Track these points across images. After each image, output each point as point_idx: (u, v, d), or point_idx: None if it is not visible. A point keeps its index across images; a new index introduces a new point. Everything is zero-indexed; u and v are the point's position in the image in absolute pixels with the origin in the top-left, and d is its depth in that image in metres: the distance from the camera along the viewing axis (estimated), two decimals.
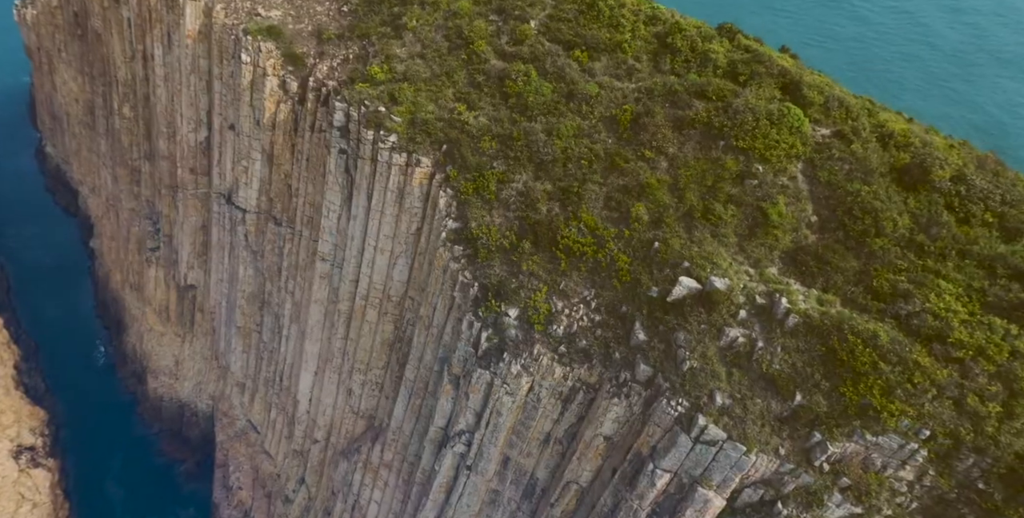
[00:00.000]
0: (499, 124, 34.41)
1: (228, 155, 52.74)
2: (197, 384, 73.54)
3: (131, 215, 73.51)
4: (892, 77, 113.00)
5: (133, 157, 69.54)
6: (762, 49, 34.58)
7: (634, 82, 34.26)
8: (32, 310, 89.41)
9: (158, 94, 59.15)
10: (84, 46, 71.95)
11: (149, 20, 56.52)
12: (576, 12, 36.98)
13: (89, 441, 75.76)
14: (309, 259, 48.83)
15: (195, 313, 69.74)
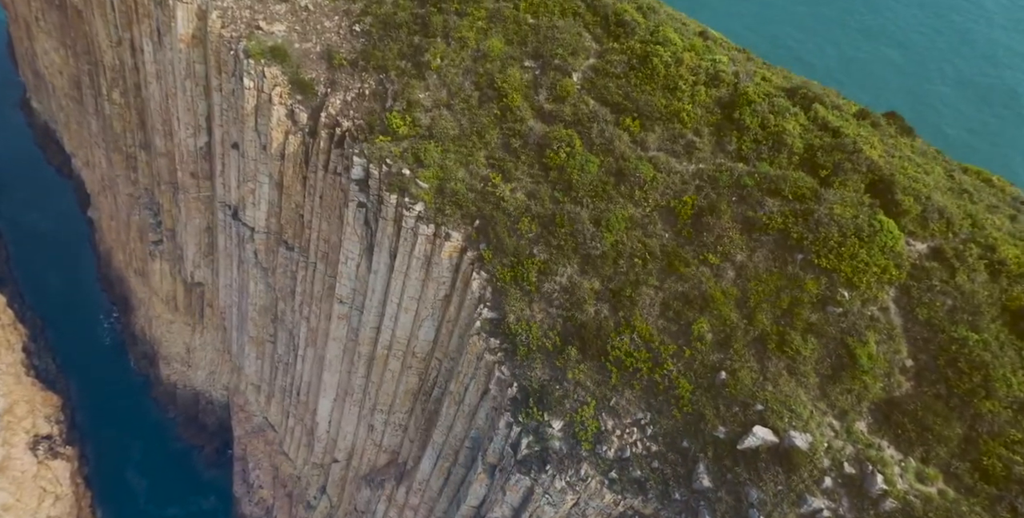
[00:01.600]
0: (539, 202, 31.00)
1: (232, 173, 49.08)
2: (210, 373, 72.55)
3: (130, 201, 70.02)
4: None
5: (127, 143, 65.35)
6: (844, 126, 30.30)
7: (694, 163, 30.45)
8: (34, 282, 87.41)
9: (151, 90, 54.61)
10: (64, 18, 66.08)
11: (135, 11, 51.21)
12: (625, 66, 32.54)
13: (106, 426, 75.66)
14: (325, 292, 46.27)
15: (204, 308, 67.72)
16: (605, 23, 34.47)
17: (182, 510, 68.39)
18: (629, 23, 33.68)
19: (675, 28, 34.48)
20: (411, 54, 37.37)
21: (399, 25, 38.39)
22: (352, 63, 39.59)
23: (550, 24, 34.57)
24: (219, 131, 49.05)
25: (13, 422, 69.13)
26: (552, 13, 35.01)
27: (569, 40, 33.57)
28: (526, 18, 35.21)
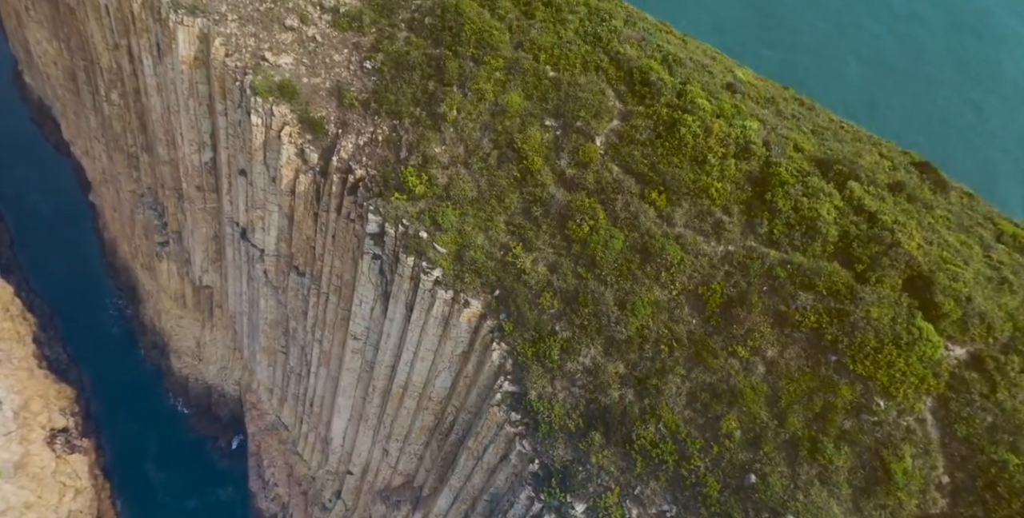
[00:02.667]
0: (561, 277, 30.37)
1: (240, 197, 48.06)
2: (222, 369, 73.09)
3: (133, 198, 68.93)
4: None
5: (128, 143, 63.84)
6: (880, 207, 29.07)
7: (723, 244, 29.59)
8: (39, 267, 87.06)
9: (151, 101, 52.92)
10: (55, 11, 63.40)
11: (132, 23, 49.07)
12: (651, 132, 31.23)
13: (120, 416, 76.73)
14: (339, 323, 46.03)
15: (214, 308, 67.62)
16: (629, 79, 32.92)
17: (200, 502, 70.08)
18: (654, 83, 32.18)
19: (702, 84, 32.96)
20: (425, 101, 35.91)
21: (412, 67, 36.75)
22: (364, 104, 38.14)
23: (571, 79, 33.04)
24: (225, 153, 47.79)
25: (29, 418, 70.03)
26: (574, 66, 33.42)
27: (592, 100, 32.13)
28: (546, 71, 33.64)
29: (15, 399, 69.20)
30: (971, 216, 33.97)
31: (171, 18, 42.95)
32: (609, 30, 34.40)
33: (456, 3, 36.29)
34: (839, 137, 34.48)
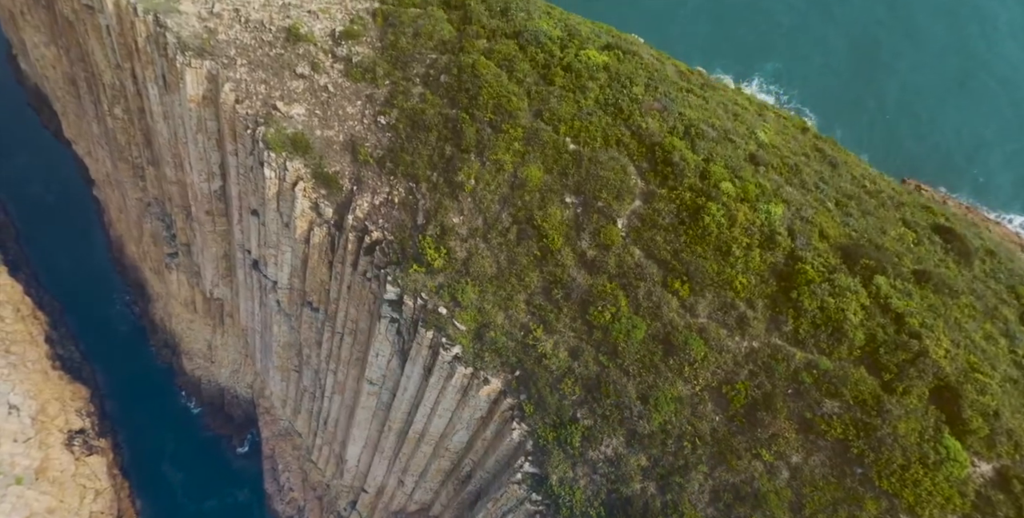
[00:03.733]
0: (583, 364, 30.51)
1: (252, 234, 47.77)
2: (234, 372, 73.95)
3: (139, 205, 68.43)
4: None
5: (133, 155, 62.97)
6: (907, 307, 28.77)
7: (747, 340, 29.53)
8: (47, 262, 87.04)
9: (157, 127, 52.02)
10: (53, 20, 61.50)
11: (136, 52, 47.73)
12: (674, 217, 30.79)
13: (135, 414, 77.90)
14: (353, 362, 46.36)
15: (225, 317, 67.96)
16: (651, 156, 32.28)
17: (218, 503, 71.86)
18: (677, 164, 31.58)
19: (725, 159, 32.34)
20: (442, 166, 35.32)
21: (428, 127, 35.99)
22: (379, 162, 37.50)
23: (592, 155, 32.39)
24: (235, 188, 47.27)
25: (47, 422, 71.24)
26: (595, 139, 32.71)
27: (613, 179, 31.60)
28: (566, 143, 32.94)
29: (32, 404, 70.24)
30: (995, 291, 33.82)
31: (178, 59, 41.86)
32: (630, 99, 33.54)
33: (473, 63, 35.30)
34: (863, 205, 34.05)
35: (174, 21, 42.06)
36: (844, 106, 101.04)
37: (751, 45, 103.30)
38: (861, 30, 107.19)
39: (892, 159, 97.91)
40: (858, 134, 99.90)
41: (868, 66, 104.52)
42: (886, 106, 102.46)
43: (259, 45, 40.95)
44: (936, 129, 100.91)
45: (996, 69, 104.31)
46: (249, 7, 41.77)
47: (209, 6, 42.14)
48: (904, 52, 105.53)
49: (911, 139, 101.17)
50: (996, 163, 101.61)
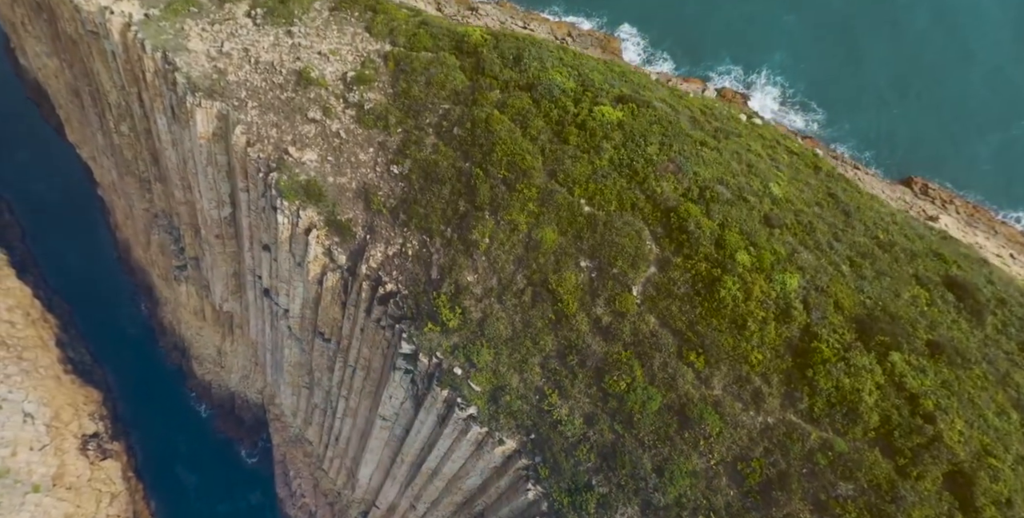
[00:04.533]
0: (599, 432, 31.11)
1: (264, 266, 47.96)
2: (244, 377, 74.84)
3: (146, 216, 68.49)
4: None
5: (140, 169, 62.81)
6: (922, 385, 29.06)
7: (762, 415, 30.00)
8: (54, 261, 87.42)
9: (166, 154, 51.85)
10: (54, 32, 60.67)
11: (143, 81, 47.32)
12: (690, 288, 31.02)
13: (147, 417, 79.14)
14: (365, 393, 46.99)
15: (235, 327, 68.55)
16: (666, 222, 32.38)
17: (231, 506, 73.50)
18: (692, 232, 31.70)
19: (740, 223, 32.46)
20: (456, 222, 35.44)
21: (442, 180, 36.01)
22: (392, 212, 37.60)
23: (607, 219, 32.50)
24: (246, 221, 47.37)
25: (61, 428, 72.46)
26: (609, 203, 32.78)
27: (628, 246, 31.77)
28: (581, 206, 33.02)
29: (46, 411, 71.36)
30: (1006, 352, 34.13)
31: (188, 100, 41.59)
32: (645, 160, 33.50)
33: (487, 118, 35.15)
34: (876, 264, 34.26)
35: (183, 60, 41.67)
36: (851, 99, 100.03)
37: (760, 34, 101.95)
38: (871, 20, 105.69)
39: (899, 154, 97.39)
40: (865, 128, 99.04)
41: (876, 58, 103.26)
42: (893, 99, 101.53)
43: (270, 87, 40.64)
44: (944, 122, 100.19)
45: (1010, 62, 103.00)
46: (259, 47, 41.33)
47: (218, 45, 41.70)
48: (914, 43, 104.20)
49: (918, 133, 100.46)
50: (1005, 158, 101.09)
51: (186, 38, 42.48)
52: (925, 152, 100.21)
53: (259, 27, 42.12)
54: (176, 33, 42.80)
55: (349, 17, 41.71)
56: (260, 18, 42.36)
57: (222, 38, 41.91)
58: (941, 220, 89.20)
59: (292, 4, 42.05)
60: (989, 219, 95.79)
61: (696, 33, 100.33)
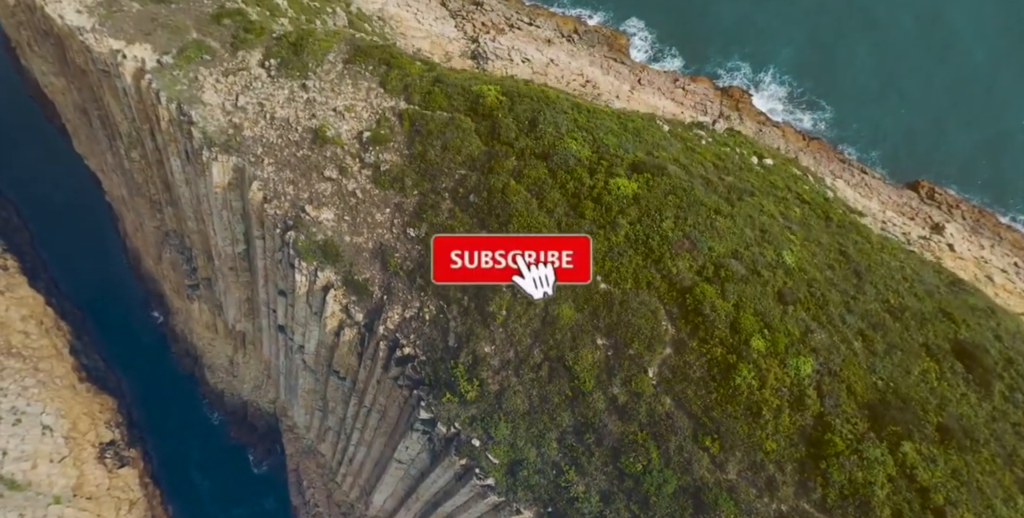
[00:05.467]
0: (615, 511, 32.30)
1: (279, 306, 48.68)
2: (256, 387, 76.21)
3: (157, 234, 68.99)
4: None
5: (151, 192, 63.10)
6: (934, 479, 29.80)
7: (776, 502, 30.97)
8: (64, 266, 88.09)
9: (179, 190, 52.17)
10: (61, 55, 60.25)
11: (156, 124, 47.43)
12: (705, 373, 31.79)
13: (162, 422, 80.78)
14: (379, 434, 48.09)
15: (247, 344, 69.60)
16: (682, 301, 32.99)
17: (246, 511, 75.56)
18: (708, 315, 32.34)
19: (755, 303, 33.10)
20: (473, 291, 36.07)
21: None
22: (409, 274, 38.17)
23: (623, 297, 33.12)
24: (261, 262, 47.88)
25: (79, 438, 74.11)
26: (625, 280, 33.36)
27: (644, 327, 32.46)
28: (597, 283, 33.61)
29: (63, 423, 72.88)
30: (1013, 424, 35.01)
31: (204, 154, 41.83)
32: (660, 237, 33.97)
33: (503, 188, 35.51)
34: (888, 336, 34.97)
35: (199, 113, 41.75)
36: (860, 97, 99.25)
37: (769, 29, 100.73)
38: (885, 15, 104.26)
39: (907, 155, 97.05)
40: (873, 129, 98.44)
41: (888, 55, 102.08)
42: (901, 99, 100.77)
43: (286, 144, 40.82)
44: (951, 123, 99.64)
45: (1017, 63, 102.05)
46: (274, 101, 41.37)
47: (233, 98, 41.73)
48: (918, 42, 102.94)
49: (926, 133, 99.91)
50: (1011, 159, 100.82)
51: (200, 89, 42.48)
52: (932, 153, 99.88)
53: (273, 79, 42.08)
54: (190, 83, 42.78)
55: (363, 70, 41.64)
56: (274, 69, 42.29)
57: (237, 91, 41.92)
58: (947, 230, 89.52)
59: (306, 56, 41.94)
60: (995, 224, 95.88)
61: (704, 28, 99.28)
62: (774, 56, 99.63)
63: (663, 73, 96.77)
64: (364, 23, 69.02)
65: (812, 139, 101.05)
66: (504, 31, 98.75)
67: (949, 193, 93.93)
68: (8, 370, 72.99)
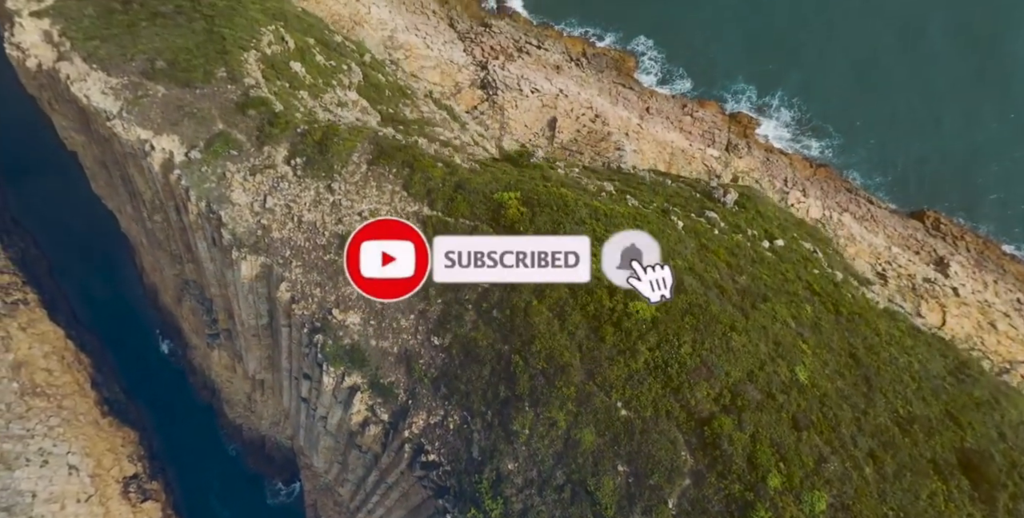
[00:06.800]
0: None
1: (304, 388, 50.13)
2: (274, 424, 78.17)
3: (177, 281, 70.35)
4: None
5: (172, 249, 64.35)
6: None
7: None
8: (82, 295, 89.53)
9: (204, 265, 53.39)
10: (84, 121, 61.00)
11: (185, 212, 48.50)
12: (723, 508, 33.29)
13: (181, 452, 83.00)
14: (399, 506, 49.96)
15: (266, 389, 71.32)
16: (700, 431, 34.47)
17: None
18: (725, 449, 33.84)
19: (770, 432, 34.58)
20: (497, 406, 37.54)
21: (482, 360, 37.94)
22: (433, 381, 39.63)
23: (643, 425, 34.59)
24: (285, 343, 49.27)
25: (103, 474, 76.39)
26: (645, 408, 34.80)
27: (664, 458, 34.00)
28: (618, 409, 35.06)
29: (89, 462, 75.12)
30: None
31: (233, 253, 43.01)
32: (679, 364, 35.34)
33: (525, 307, 36.79)
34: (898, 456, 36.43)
35: (228, 214, 42.85)
36: (867, 123, 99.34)
37: (776, 51, 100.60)
38: (893, 41, 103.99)
39: (914, 182, 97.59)
40: (881, 155, 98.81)
41: (895, 81, 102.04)
42: (909, 124, 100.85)
43: (313, 248, 42.00)
44: (959, 150, 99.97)
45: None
46: (301, 204, 42.44)
47: (261, 198, 42.80)
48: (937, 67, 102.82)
49: (933, 160, 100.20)
50: (1019, 187, 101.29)
51: (229, 188, 43.53)
52: (939, 180, 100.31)
53: (300, 179, 43.10)
54: (219, 181, 43.82)
55: (387, 173, 42.61)
56: (300, 169, 43.28)
57: (264, 191, 42.96)
58: (951, 268, 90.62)
59: (331, 156, 42.89)
60: (999, 256, 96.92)
61: (711, 49, 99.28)
62: (782, 79, 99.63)
63: (671, 98, 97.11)
64: (378, 73, 69.58)
65: (819, 166, 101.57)
66: (513, 57, 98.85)
67: (954, 223, 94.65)
68: (34, 410, 75.03)
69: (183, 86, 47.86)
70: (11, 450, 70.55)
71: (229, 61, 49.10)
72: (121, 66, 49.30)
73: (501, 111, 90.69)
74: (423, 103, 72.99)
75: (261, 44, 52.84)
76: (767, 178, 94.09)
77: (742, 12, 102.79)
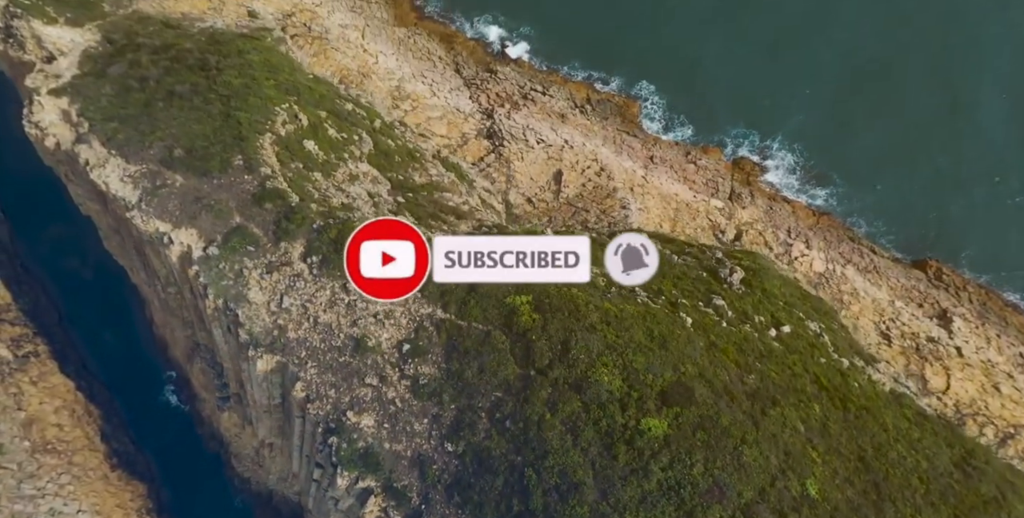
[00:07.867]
0: None
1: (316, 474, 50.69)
2: (282, 479, 78.67)
3: (187, 342, 71.06)
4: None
5: (184, 316, 65.04)
6: None
7: None
8: (91, 344, 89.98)
9: (219, 345, 54.03)
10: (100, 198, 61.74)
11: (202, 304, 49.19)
12: None
13: (189, 503, 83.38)
14: None
15: (275, 450, 71.87)
16: None
17: None
18: None
19: None
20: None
21: (495, 471, 38.55)
22: (446, 488, 40.25)
23: None
24: (298, 430, 49.88)
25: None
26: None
27: None
28: None
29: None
30: None
31: (250, 352, 43.67)
32: (691, 485, 35.98)
33: (539, 421, 37.42)
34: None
35: (245, 313, 43.55)
36: (871, 170, 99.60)
37: (777, 95, 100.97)
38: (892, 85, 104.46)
39: (916, 230, 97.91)
40: (885, 203, 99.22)
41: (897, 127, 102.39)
42: (913, 171, 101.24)
43: (328, 349, 42.67)
44: (961, 198, 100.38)
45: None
46: (316, 305, 43.13)
47: (278, 298, 43.49)
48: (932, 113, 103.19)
49: (936, 207, 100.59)
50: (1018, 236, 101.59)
51: (246, 286, 44.22)
52: (942, 228, 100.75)
53: (316, 278, 43.81)
54: (236, 278, 44.52)
55: None
56: (316, 267, 43.99)
57: (281, 290, 43.65)
58: (954, 323, 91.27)
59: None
60: (1000, 307, 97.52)
61: (712, 93, 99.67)
62: (783, 123, 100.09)
63: (674, 146, 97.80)
64: (388, 139, 70.48)
65: (822, 215, 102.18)
66: (519, 105, 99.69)
67: (956, 273, 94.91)
68: (44, 467, 75.64)
69: (201, 176, 48.61)
70: (23, 511, 71.15)
71: (245, 148, 49.88)
72: (139, 153, 50.07)
73: (507, 163, 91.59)
74: (431, 165, 73.80)
75: (276, 125, 53.66)
76: (771, 229, 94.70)
77: (740, 56, 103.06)
